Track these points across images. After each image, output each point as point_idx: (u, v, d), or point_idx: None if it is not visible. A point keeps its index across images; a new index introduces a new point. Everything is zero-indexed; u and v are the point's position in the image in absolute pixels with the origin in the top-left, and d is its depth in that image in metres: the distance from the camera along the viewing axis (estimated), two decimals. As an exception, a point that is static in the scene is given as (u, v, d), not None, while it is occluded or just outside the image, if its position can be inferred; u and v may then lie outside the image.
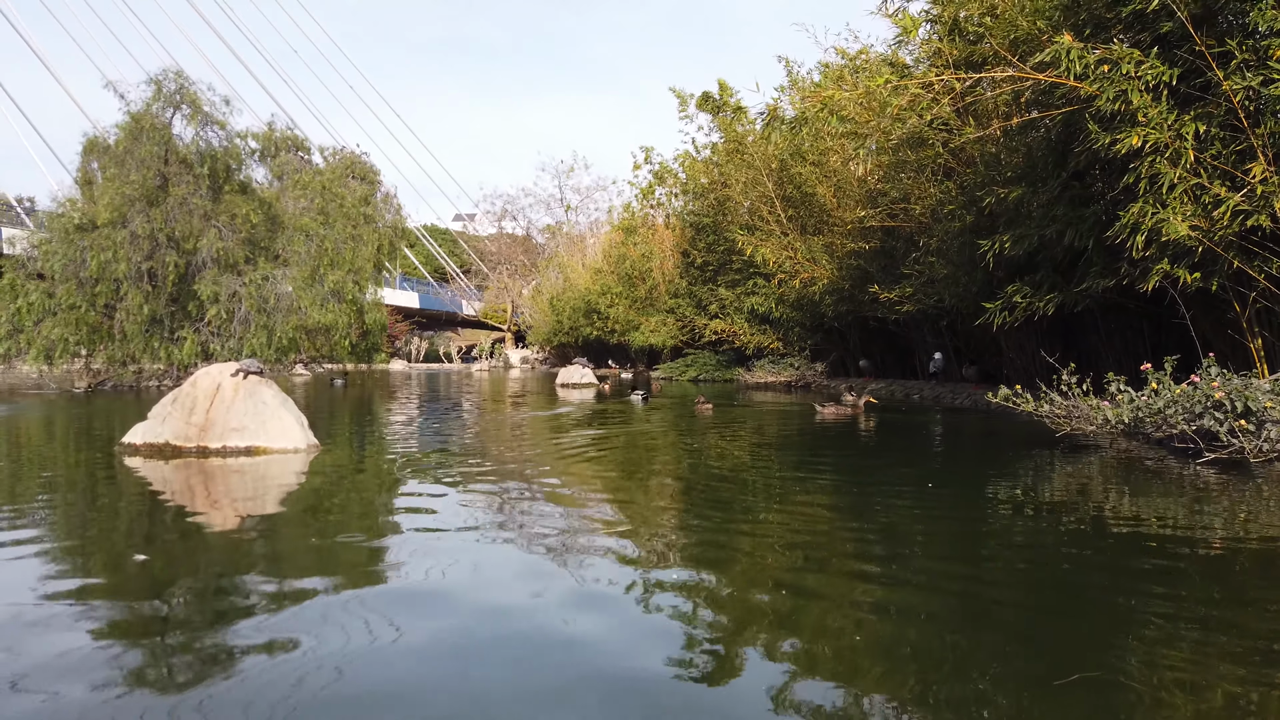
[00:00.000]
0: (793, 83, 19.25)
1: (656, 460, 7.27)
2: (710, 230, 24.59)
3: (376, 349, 20.94)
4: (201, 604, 3.08)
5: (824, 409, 11.46)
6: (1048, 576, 3.52)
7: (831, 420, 10.86)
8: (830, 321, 18.66)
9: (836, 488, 5.77)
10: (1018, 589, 3.38)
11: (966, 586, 3.40)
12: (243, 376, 7.00)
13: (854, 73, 14.42)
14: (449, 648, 2.66)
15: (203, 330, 16.31)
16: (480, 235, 73.72)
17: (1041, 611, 3.10)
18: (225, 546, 4.00)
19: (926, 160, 11.98)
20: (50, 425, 10.21)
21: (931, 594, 3.27)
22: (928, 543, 4.18)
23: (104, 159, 17.42)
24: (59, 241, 15.83)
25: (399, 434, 9.54)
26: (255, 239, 17.96)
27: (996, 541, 4.14)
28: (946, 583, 3.45)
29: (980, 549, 4.02)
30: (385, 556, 3.78)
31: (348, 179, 23.73)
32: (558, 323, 40.42)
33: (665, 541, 4.08)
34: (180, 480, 5.81)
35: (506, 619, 2.92)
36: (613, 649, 2.66)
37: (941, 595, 3.26)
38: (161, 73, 16.98)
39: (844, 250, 16.27)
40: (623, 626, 2.87)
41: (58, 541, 4.11)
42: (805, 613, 3.02)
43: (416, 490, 5.59)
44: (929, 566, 3.69)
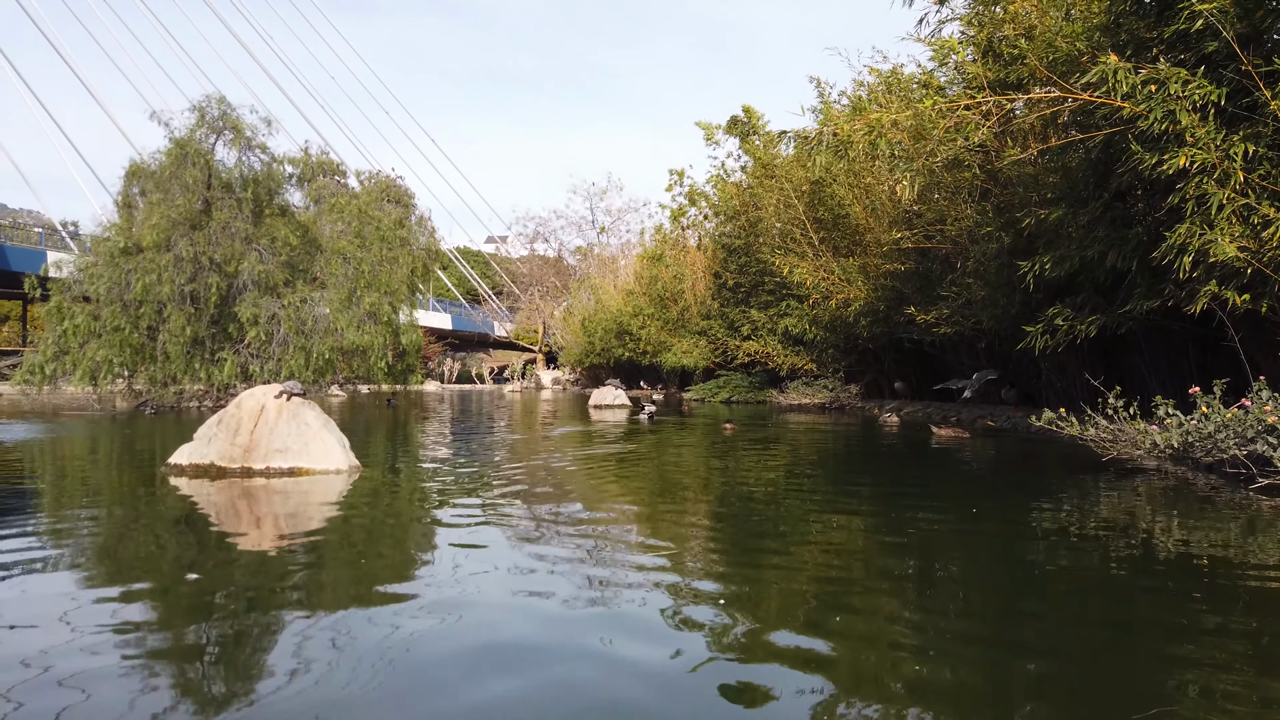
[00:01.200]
0: (824, 106, 19.27)
1: (689, 484, 7.23)
2: (742, 252, 24.59)
3: (412, 370, 21.10)
4: (244, 621, 3.11)
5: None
6: (1095, 606, 3.45)
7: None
8: (865, 343, 18.54)
9: (874, 512, 5.71)
10: (1063, 619, 3.31)
11: (1009, 618, 3.34)
12: (286, 398, 7.08)
13: (887, 94, 14.41)
14: (476, 675, 2.66)
15: (242, 351, 16.55)
16: (512, 257, 74.31)
17: (1088, 643, 3.03)
18: (269, 566, 4.03)
19: (963, 182, 11.92)
20: (96, 446, 10.38)
21: (973, 624, 3.21)
22: (968, 570, 4.12)
23: (147, 183, 17.79)
24: (104, 265, 16.16)
25: (435, 455, 9.59)
26: (294, 262, 18.22)
27: (1041, 570, 4.06)
28: (988, 613, 3.39)
29: (1023, 577, 3.95)
30: (420, 580, 3.78)
31: (383, 202, 24.02)
32: (589, 344, 40.51)
33: (696, 568, 4.06)
34: (225, 501, 5.88)
35: (533, 647, 2.91)
36: (638, 681, 2.64)
37: (984, 626, 3.21)
38: (204, 99, 17.37)
39: (878, 271, 16.18)
40: (649, 657, 2.85)
41: (110, 558, 4.17)
42: (841, 644, 2.98)
43: (453, 513, 5.60)
44: (970, 596, 3.64)
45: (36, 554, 4.28)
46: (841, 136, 9.51)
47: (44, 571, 3.91)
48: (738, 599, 3.45)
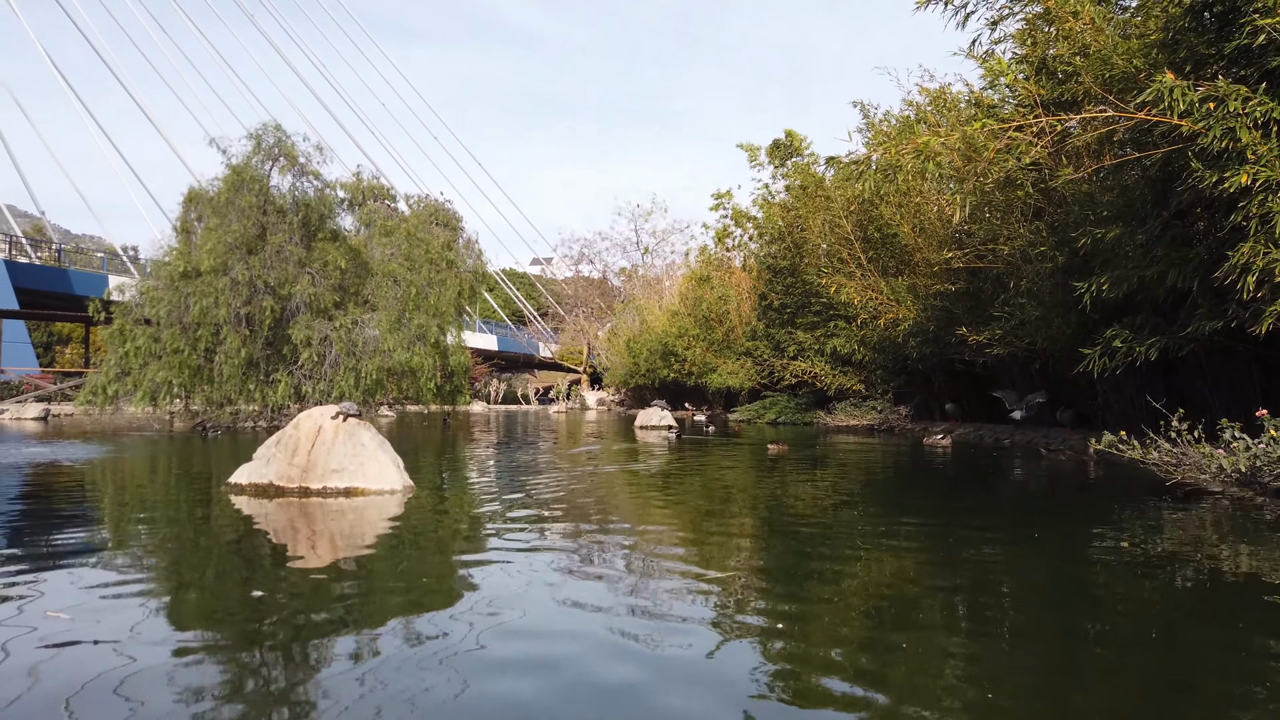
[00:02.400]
0: (870, 126, 19.19)
1: (735, 505, 7.19)
2: (787, 273, 24.50)
3: (460, 391, 21.32)
4: (299, 635, 3.15)
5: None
6: (1158, 636, 3.35)
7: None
8: (914, 364, 18.32)
9: (926, 537, 5.61)
10: (1124, 648, 3.22)
11: (1066, 645, 3.25)
12: (342, 419, 7.20)
13: (937, 114, 14.32)
14: (518, 698, 2.66)
15: (295, 372, 16.87)
16: (557, 279, 74.91)
17: (1149, 674, 2.95)
18: (326, 583, 4.09)
19: (1016, 201, 11.77)
20: (156, 465, 10.63)
21: (1028, 653, 3.14)
22: (1024, 596, 4.03)
23: (204, 209, 18.29)
24: (164, 288, 16.62)
25: (484, 475, 9.66)
26: (345, 284, 18.57)
27: (1100, 597, 3.96)
28: (1044, 641, 3.32)
29: (1083, 605, 3.86)
30: (468, 601, 3.78)
31: (431, 225, 24.37)
32: (634, 365, 40.59)
33: (743, 596, 4.03)
34: (284, 519, 5.98)
35: (576, 667, 2.91)
36: (686, 702, 2.62)
37: (1039, 654, 3.13)
38: (261, 127, 17.87)
39: (928, 291, 16.01)
40: (693, 688, 2.82)
41: (173, 575, 4.27)
42: (891, 669, 2.93)
43: (502, 533, 5.63)
44: (1026, 623, 3.56)
45: (104, 571, 4.39)
46: (889, 160, 9.48)
47: (111, 586, 4.00)
48: (785, 629, 3.41)
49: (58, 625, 3.30)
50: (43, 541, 5.19)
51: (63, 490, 8.06)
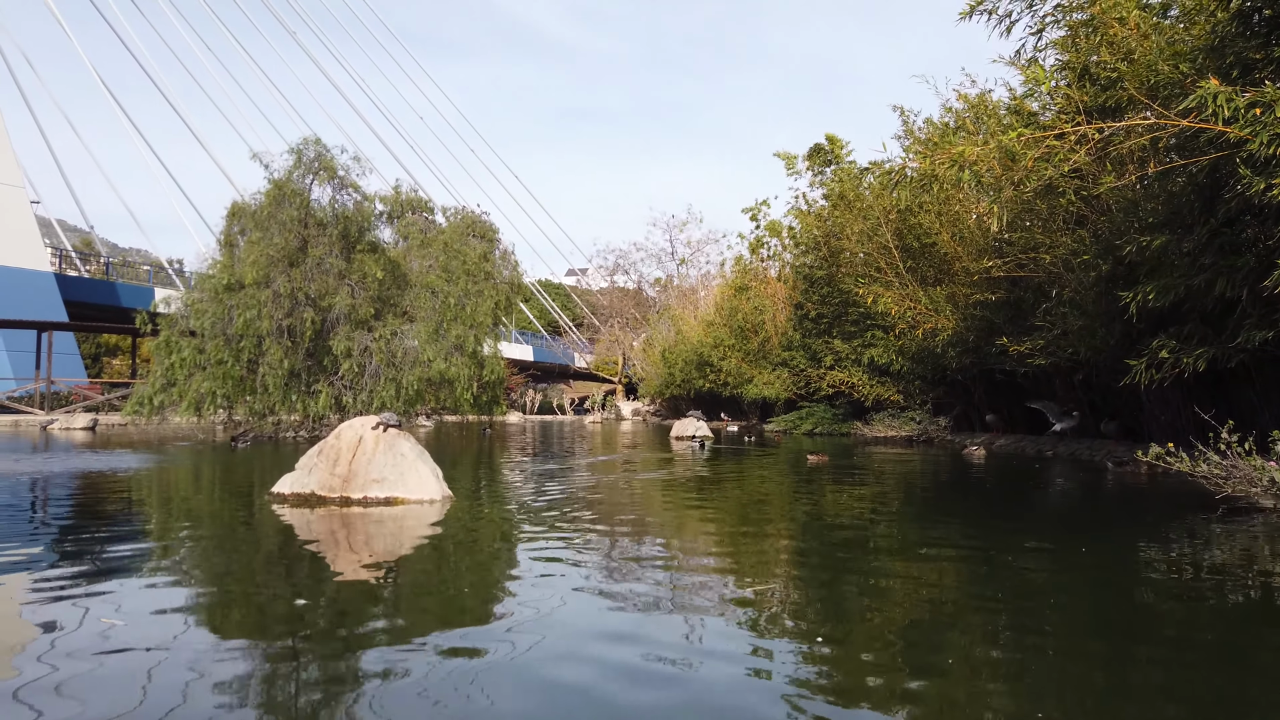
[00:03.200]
0: (908, 133, 19.05)
1: (772, 516, 7.15)
2: (824, 282, 24.35)
3: (496, 401, 21.45)
4: (339, 644, 3.18)
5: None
6: (1210, 654, 3.27)
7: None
8: (953, 374, 18.11)
9: (967, 548, 5.53)
10: (1175, 666, 3.15)
11: (1116, 662, 3.18)
12: (383, 429, 7.28)
13: (976, 120, 14.18)
14: (552, 711, 2.67)
15: (336, 383, 17.10)
16: (592, 289, 75.18)
17: (1201, 693, 2.88)
18: (367, 593, 4.13)
19: (1058, 208, 11.60)
20: (201, 475, 10.81)
21: (1075, 670, 3.08)
22: (1070, 611, 3.95)
23: (247, 222, 18.62)
24: (209, 300, 16.95)
25: (521, 485, 9.70)
26: (384, 296, 18.80)
27: (1150, 613, 3.88)
28: (1092, 657, 3.25)
29: (1131, 620, 3.78)
30: (504, 612, 3.79)
31: (468, 237, 24.58)
32: (669, 375, 40.56)
33: (780, 602, 4.01)
34: (326, 529, 6.06)
35: (609, 685, 2.91)
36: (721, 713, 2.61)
37: (1087, 671, 3.07)
38: (302, 142, 18.19)
39: (967, 300, 15.82)
40: (735, 704, 2.81)
41: (218, 582, 4.34)
42: (934, 688, 2.89)
43: (538, 544, 5.65)
44: (1072, 638, 3.49)
45: (154, 579, 4.48)
46: (924, 170, 9.42)
47: (161, 593, 4.08)
48: (823, 647, 3.38)
49: (112, 632, 3.37)
50: (94, 550, 5.30)
51: (112, 499, 8.23)
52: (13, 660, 3.04)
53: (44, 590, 4.18)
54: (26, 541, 5.60)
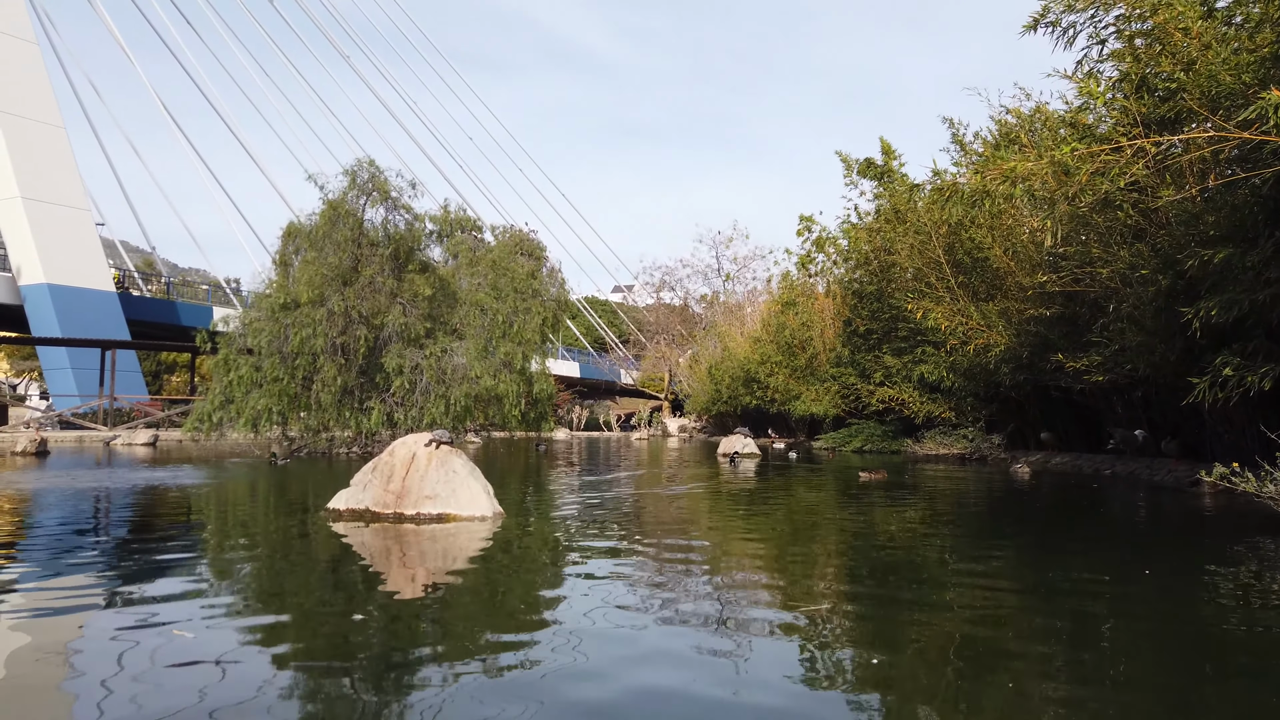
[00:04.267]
0: (959, 145, 18.84)
1: (821, 534, 7.08)
2: (874, 298, 24.11)
3: (544, 417, 21.57)
4: (394, 662, 3.22)
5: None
6: (1276, 687, 3.16)
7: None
8: (1007, 391, 17.77)
9: (1021, 568, 5.41)
10: (1242, 702, 3.03)
11: (1180, 691, 3.09)
12: (435, 446, 7.37)
13: (1030, 132, 13.98)
14: None
15: (388, 400, 17.35)
16: (638, 306, 75.40)
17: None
18: (419, 611, 4.18)
19: (1115, 222, 11.36)
20: (257, 491, 11.03)
21: (1137, 700, 2.99)
22: (1130, 636, 3.85)
23: (302, 242, 19.03)
24: (265, 319, 17.33)
25: (570, 501, 9.74)
26: (434, 314, 19.05)
27: (1215, 643, 3.74)
28: (1155, 686, 3.16)
29: (1197, 647, 3.66)
30: (556, 630, 3.80)
31: (516, 255, 24.84)
32: (716, 391, 40.46)
33: (829, 624, 3.97)
34: (380, 545, 6.14)
35: (655, 706, 2.89)
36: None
37: (1150, 700, 2.98)
38: (356, 164, 18.56)
39: (1021, 316, 15.55)
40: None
41: (276, 597, 4.42)
42: (988, 717, 2.83)
43: (588, 560, 5.66)
44: (1133, 665, 3.40)
45: (220, 590, 4.58)
46: (974, 186, 9.32)
47: (226, 605, 4.17)
48: (873, 671, 3.34)
49: (182, 643, 3.46)
50: (159, 562, 5.44)
51: (172, 514, 8.44)
52: (84, 668, 3.13)
53: (109, 602, 4.30)
54: (91, 555, 5.77)
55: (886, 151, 24.37)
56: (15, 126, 35.46)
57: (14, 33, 36.42)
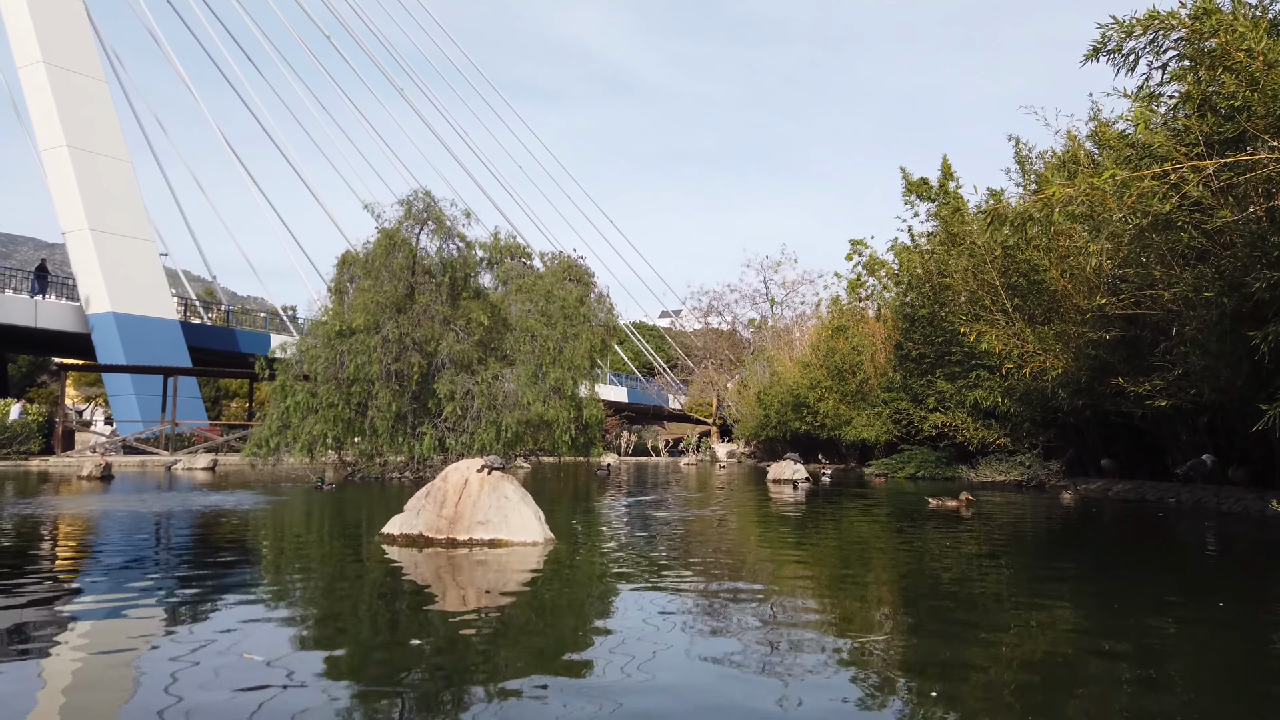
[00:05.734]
0: (1020, 165, 18.59)
1: (873, 560, 6.95)
2: (926, 321, 23.82)
3: (593, 442, 21.63)
4: (451, 683, 3.23)
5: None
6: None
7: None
8: (1065, 416, 17.37)
9: (1084, 599, 5.25)
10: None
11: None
12: (487, 472, 7.42)
13: (1094, 149, 13.77)
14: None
15: (439, 425, 17.55)
16: (686, 331, 75.39)
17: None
18: (473, 635, 4.19)
19: (1177, 243, 11.08)
20: (312, 515, 11.20)
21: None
22: (1202, 671, 3.71)
23: (357, 270, 19.42)
24: (322, 346, 17.69)
25: (620, 527, 9.72)
26: (486, 340, 19.28)
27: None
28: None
29: (1268, 682, 3.52)
30: (606, 657, 3.77)
31: (564, 281, 25.04)
32: (765, 416, 40.14)
33: (885, 653, 3.88)
34: (432, 570, 6.19)
35: None
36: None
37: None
38: (412, 194, 18.94)
39: (1079, 339, 15.20)
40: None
41: (332, 621, 4.47)
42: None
43: (638, 587, 5.64)
44: (1206, 701, 3.27)
45: (282, 614, 4.65)
46: (1018, 211, 9.22)
47: (290, 629, 4.23)
48: (932, 706, 3.26)
49: (252, 666, 3.52)
50: (220, 585, 5.54)
51: (233, 537, 8.60)
52: (152, 688, 3.20)
53: (174, 622, 4.39)
54: (154, 577, 5.89)
55: (946, 172, 24.16)
56: (85, 161, 36.84)
57: (85, 72, 37.93)
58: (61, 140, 36.35)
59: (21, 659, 3.69)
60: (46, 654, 3.81)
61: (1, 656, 3.71)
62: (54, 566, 6.44)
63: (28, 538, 8.18)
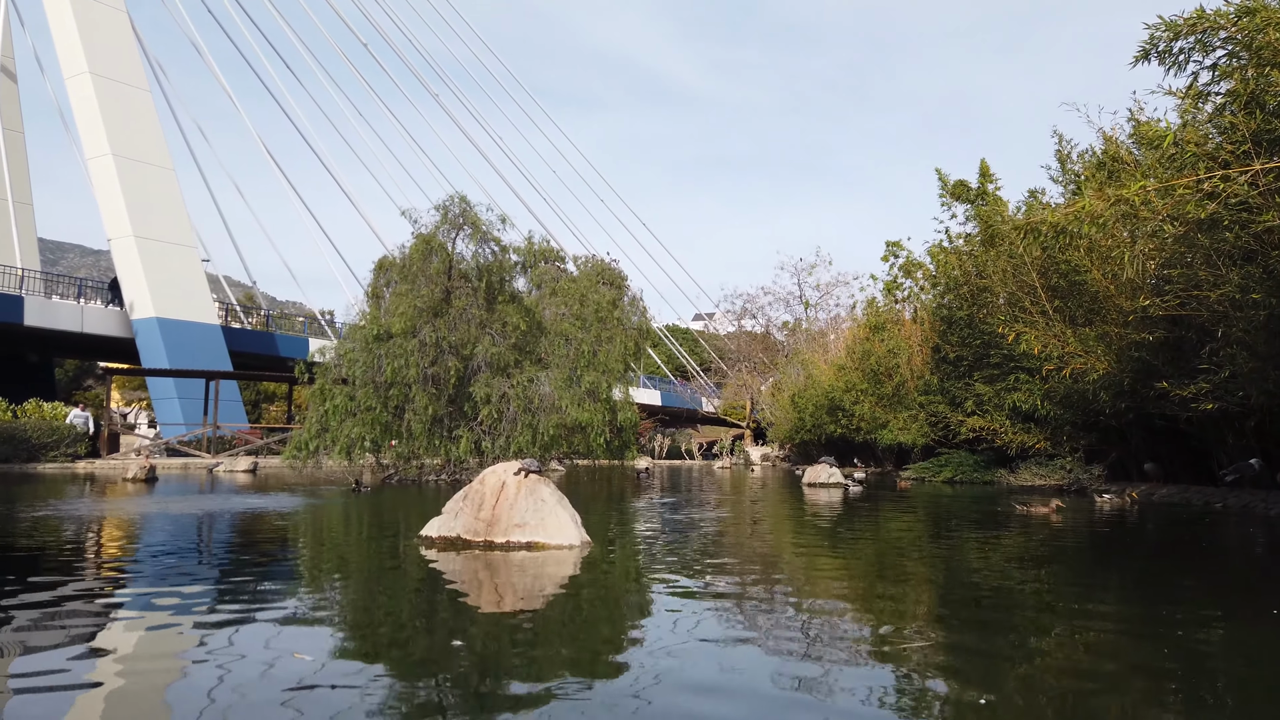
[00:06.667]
0: (1061, 163, 18.33)
1: (909, 565, 6.88)
2: (964, 323, 23.55)
3: (628, 446, 21.66)
4: (490, 685, 3.25)
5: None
6: None
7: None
8: (1107, 420, 17.07)
9: (1128, 607, 5.16)
10: None
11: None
12: (524, 475, 7.47)
13: (1136, 148, 13.55)
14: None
15: (475, 429, 17.68)
16: (719, 333, 75.24)
17: None
18: (512, 636, 4.21)
19: (1223, 244, 10.86)
20: (350, 517, 11.33)
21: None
22: (1256, 686, 3.62)
23: (394, 275, 19.62)
24: (360, 350, 17.90)
25: (655, 531, 9.72)
26: (521, 344, 19.38)
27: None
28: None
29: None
30: (641, 661, 3.77)
31: (598, 284, 25.12)
32: (799, 420, 39.93)
33: (922, 659, 3.84)
34: (471, 573, 6.24)
35: None
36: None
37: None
38: (448, 199, 19.10)
39: (1122, 341, 14.94)
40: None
41: (388, 624, 4.52)
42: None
43: (673, 591, 5.63)
44: (1249, 713, 3.19)
45: (328, 615, 4.72)
46: (1052, 223, 9.13)
47: (335, 631, 4.29)
48: (976, 704, 3.22)
49: (301, 666, 3.58)
50: (262, 585, 5.63)
51: (275, 539, 8.74)
52: (198, 687, 3.26)
53: (217, 622, 4.47)
54: (197, 578, 6.00)
55: (984, 174, 23.89)
56: (130, 170, 37.66)
57: (130, 82, 38.78)
58: (107, 149, 37.20)
59: (75, 653, 3.78)
60: (96, 649, 3.89)
61: (54, 649, 3.80)
62: (105, 565, 6.58)
63: (80, 537, 8.37)
